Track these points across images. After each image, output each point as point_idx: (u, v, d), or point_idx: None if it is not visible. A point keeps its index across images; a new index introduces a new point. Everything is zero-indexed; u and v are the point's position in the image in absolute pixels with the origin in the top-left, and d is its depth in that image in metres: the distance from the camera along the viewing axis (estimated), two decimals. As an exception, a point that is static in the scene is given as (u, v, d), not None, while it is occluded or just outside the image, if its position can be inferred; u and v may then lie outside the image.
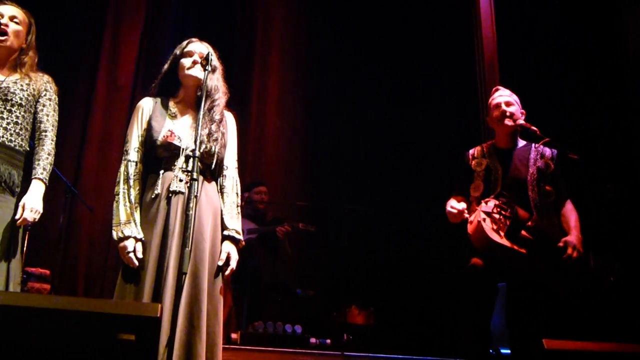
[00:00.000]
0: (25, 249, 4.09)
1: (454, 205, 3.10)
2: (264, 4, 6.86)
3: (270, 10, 6.83)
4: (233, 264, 2.55)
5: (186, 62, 2.68)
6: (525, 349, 2.96)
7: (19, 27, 2.76)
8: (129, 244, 2.45)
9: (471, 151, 3.35)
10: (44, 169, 2.65)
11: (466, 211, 3.06)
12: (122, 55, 6.30)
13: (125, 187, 2.55)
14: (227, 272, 2.55)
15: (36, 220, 2.59)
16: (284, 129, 6.50)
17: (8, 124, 2.61)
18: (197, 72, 2.65)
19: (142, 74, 6.28)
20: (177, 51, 2.73)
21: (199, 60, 2.65)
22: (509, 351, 3.11)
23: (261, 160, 6.28)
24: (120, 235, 2.47)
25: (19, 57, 2.77)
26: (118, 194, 2.55)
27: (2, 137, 2.58)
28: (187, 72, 2.67)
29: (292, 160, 6.37)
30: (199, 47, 2.71)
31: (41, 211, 2.60)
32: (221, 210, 2.64)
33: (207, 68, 2.60)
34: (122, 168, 2.60)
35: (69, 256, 5.52)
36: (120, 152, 5.71)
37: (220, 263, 2.54)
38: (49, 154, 2.69)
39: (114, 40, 6.34)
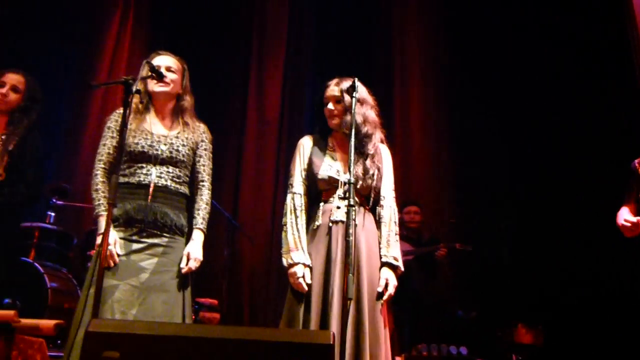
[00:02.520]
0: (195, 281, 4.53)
1: (628, 218, 3.01)
2: (399, 21, 6.87)
3: (406, 27, 6.83)
4: (391, 289, 2.63)
5: (326, 112, 2.85)
6: None
7: (175, 75, 2.96)
8: (299, 270, 2.62)
9: (637, 160, 3.22)
10: (203, 218, 2.86)
11: None
12: (268, 91, 6.71)
13: (293, 217, 2.74)
14: (385, 298, 2.61)
15: (197, 267, 2.79)
16: (430, 146, 6.46)
17: (173, 177, 2.84)
18: (335, 121, 2.82)
19: (287, 107, 6.64)
20: (319, 97, 2.90)
21: (333, 109, 2.81)
22: None
23: (409, 180, 6.27)
24: (290, 261, 2.65)
25: (177, 103, 2.99)
26: (286, 224, 2.75)
27: (170, 186, 2.82)
28: (329, 123, 2.86)
29: (441, 177, 6.29)
30: (332, 92, 2.85)
31: (201, 259, 2.79)
32: (379, 239, 2.73)
33: (353, 95, 2.64)
34: (289, 200, 2.80)
35: (233, 286, 5.85)
36: (273, 185, 6.12)
37: (380, 289, 2.61)
38: (207, 204, 2.91)
39: (260, 78, 6.76)
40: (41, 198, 4.14)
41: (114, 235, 2.70)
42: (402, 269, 2.71)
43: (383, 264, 2.66)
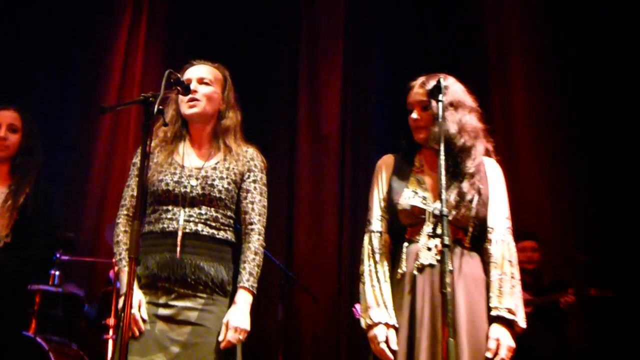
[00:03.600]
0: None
1: None
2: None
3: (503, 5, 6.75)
4: (504, 352, 2.54)
5: (411, 122, 2.83)
6: None
7: (211, 88, 2.96)
8: (380, 333, 2.61)
9: None
10: (251, 274, 2.79)
11: None
12: (323, 98, 6.75)
13: (371, 263, 2.75)
14: None
15: (242, 340, 2.73)
16: (541, 161, 6.32)
17: (207, 219, 2.83)
18: (422, 135, 2.79)
19: (350, 117, 6.64)
20: (402, 103, 2.88)
21: (419, 119, 2.78)
22: None
23: (517, 203, 5.92)
24: (369, 321, 2.65)
25: (218, 122, 2.99)
26: (363, 273, 2.75)
27: (202, 231, 2.81)
28: (415, 136, 2.83)
29: (561, 198, 6.13)
30: (416, 95, 2.82)
31: (248, 329, 2.74)
32: (487, 287, 2.67)
33: (438, 99, 2.63)
34: (366, 241, 2.81)
35: (291, 357, 5.81)
36: (336, 221, 6.22)
37: (489, 355, 2.54)
38: (255, 254, 2.84)
39: (312, 83, 6.82)
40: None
41: (138, 296, 2.72)
42: (523, 324, 2.62)
43: (493, 319, 2.59)
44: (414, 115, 2.80)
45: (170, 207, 2.83)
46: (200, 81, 2.95)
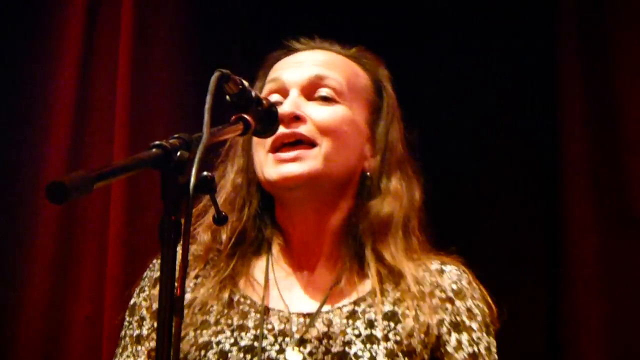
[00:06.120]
0: None
1: None
2: None
3: None
4: None
5: None
6: None
7: (341, 109, 2.30)
8: None
9: None
10: None
11: None
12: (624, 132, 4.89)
13: None
14: None
15: None
16: None
17: None
18: None
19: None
20: None
21: None
22: None
23: None
24: None
25: (359, 204, 2.34)
26: None
27: None
28: None
29: None
30: None
31: None
32: None
33: None
34: None
35: None
36: None
37: None
38: None
39: (592, 99, 4.90)
40: None
41: None
42: None
43: None
44: None
45: None
46: (312, 90, 2.30)
